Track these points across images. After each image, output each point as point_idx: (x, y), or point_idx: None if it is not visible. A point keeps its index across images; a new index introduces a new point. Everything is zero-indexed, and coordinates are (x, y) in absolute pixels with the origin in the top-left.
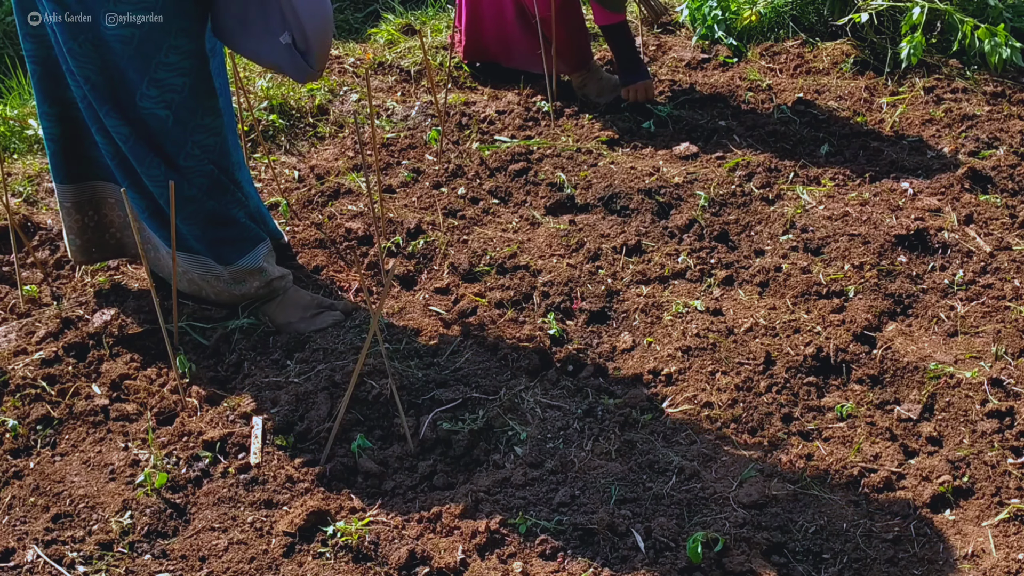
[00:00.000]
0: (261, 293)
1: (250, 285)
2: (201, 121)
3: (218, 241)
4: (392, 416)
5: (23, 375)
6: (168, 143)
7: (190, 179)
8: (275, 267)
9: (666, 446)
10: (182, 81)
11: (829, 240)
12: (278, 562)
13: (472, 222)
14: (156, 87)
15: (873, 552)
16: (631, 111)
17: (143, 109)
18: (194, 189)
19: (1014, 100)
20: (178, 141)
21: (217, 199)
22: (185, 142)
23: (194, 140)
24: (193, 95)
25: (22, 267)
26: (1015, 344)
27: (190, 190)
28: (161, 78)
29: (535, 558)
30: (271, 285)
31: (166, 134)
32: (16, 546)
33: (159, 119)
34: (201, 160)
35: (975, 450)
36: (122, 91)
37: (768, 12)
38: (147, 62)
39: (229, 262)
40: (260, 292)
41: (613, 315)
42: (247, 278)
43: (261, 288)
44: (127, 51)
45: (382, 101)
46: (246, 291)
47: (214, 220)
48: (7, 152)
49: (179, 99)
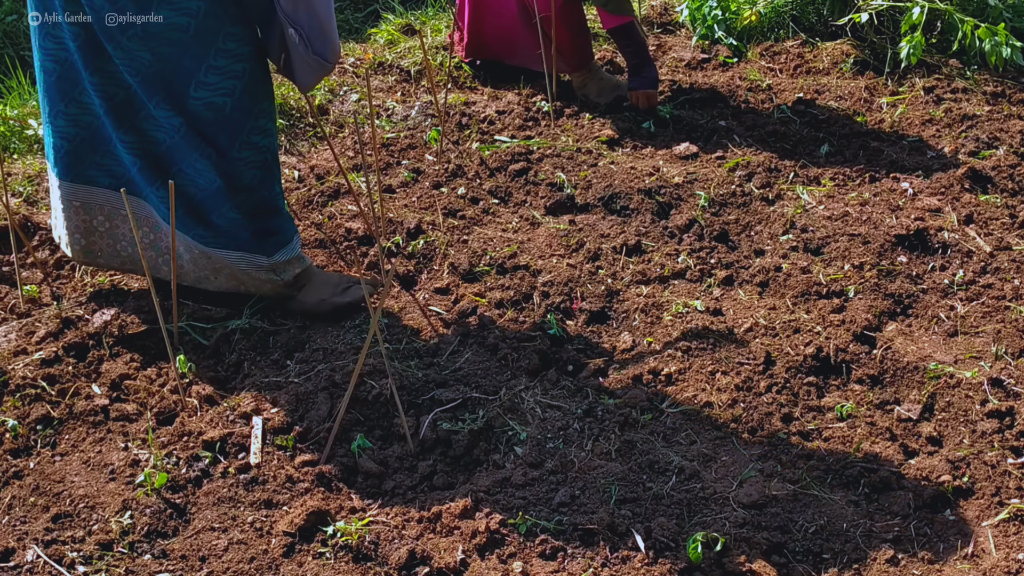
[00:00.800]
0: (300, 281)
1: (291, 273)
2: (260, 106)
3: (264, 232)
4: (392, 416)
5: (23, 375)
6: (223, 134)
7: (243, 169)
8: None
9: (666, 446)
10: (242, 67)
11: (829, 240)
12: (278, 562)
13: (472, 222)
14: (215, 74)
15: (873, 552)
16: (631, 111)
17: (198, 99)
18: (247, 179)
19: (1014, 100)
20: (234, 131)
21: (268, 189)
22: (242, 130)
23: (253, 127)
24: (254, 80)
25: (22, 267)
26: (1015, 344)
27: (243, 180)
28: (220, 65)
29: (535, 558)
30: (308, 271)
31: (222, 124)
32: (16, 546)
33: (216, 108)
34: (257, 149)
35: (975, 450)
36: (176, 81)
37: (768, 12)
38: (205, 49)
39: (271, 254)
40: (299, 279)
41: (613, 315)
42: (287, 267)
43: (300, 275)
44: (184, 39)
45: (382, 101)
46: (287, 279)
47: (264, 210)
48: (7, 152)
49: (240, 86)
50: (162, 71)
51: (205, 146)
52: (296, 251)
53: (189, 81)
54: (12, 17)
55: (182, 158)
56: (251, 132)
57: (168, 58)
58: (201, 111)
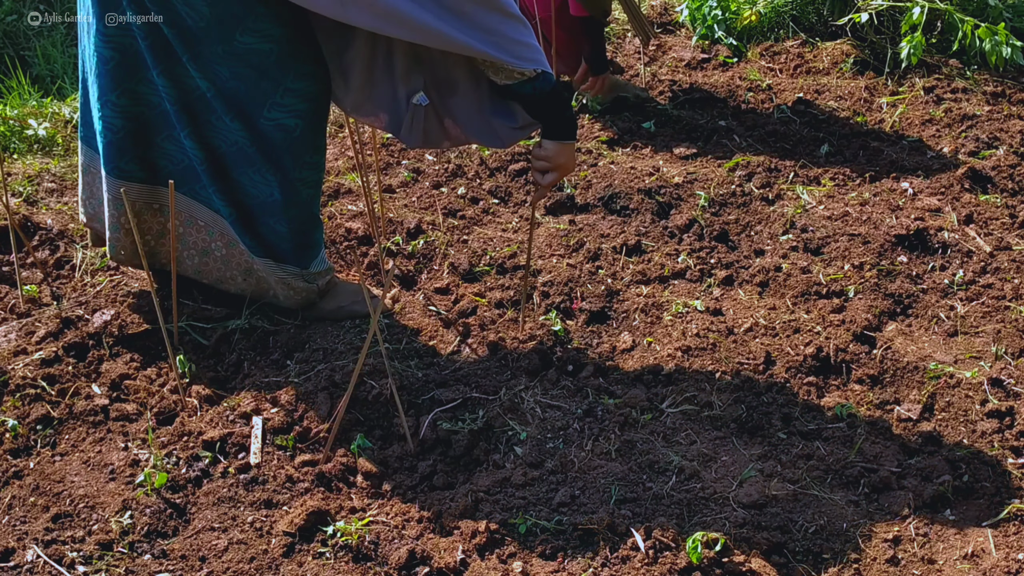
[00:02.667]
0: (324, 287)
1: (320, 281)
2: (322, 127)
3: (305, 246)
4: (392, 416)
5: (23, 375)
6: (288, 155)
7: (300, 188)
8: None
9: (666, 446)
10: (317, 91)
11: (829, 240)
12: (278, 562)
13: (472, 222)
14: (292, 95)
15: (873, 552)
16: (631, 111)
17: (270, 120)
18: (304, 196)
19: (1014, 100)
20: (299, 153)
21: (316, 205)
22: (305, 152)
23: (316, 146)
24: (317, 115)
25: (22, 267)
26: (1015, 344)
27: (300, 197)
28: (298, 88)
29: (535, 558)
30: (332, 281)
31: (288, 146)
32: (16, 546)
33: (287, 129)
34: (315, 168)
35: (975, 450)
36: (251, 101)
37: (768, 12)
38: (284, 73)
39: (307, 265)
40: (323, 286)
41: (613, 315)
42: (316, 277)
43: (324, 284)
44: (265, 64)
45: None
46: (318, 285)
47: (309, 225)
48: (7, 152)
49: (312, 108)
50: (237, 88)
51: (269, 164)
52: (326, 263)
53: (264, 101)
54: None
55: (238, 168)
56: (313, 152)
57: (246, 78)
58: (272, 132)
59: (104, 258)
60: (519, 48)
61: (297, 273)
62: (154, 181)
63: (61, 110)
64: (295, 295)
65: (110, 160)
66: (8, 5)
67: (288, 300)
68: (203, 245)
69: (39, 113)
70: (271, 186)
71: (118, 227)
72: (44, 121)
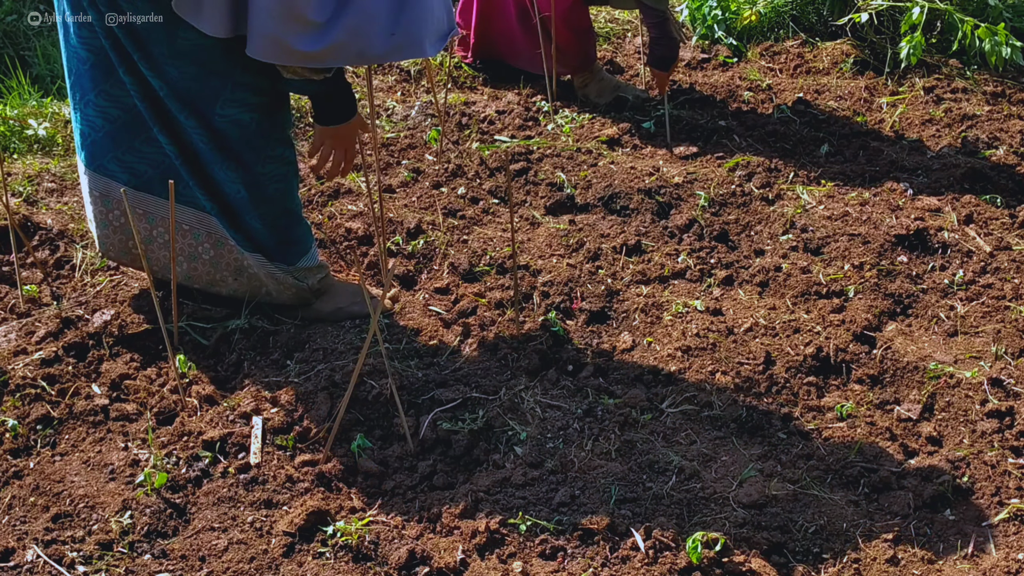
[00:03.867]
0: (319, 286)
1: (313, 279)
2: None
3: (286, 242)
4: (392, 416)
5: (23, 375)
6: (247, 150)
7: (266, 183)
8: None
9: (666, 446)
10: (263, 95)
11: (829, 240)
12: (278, 562)
13: (472, 222)
14: (239, 95)
15: (873, 552)
16: (631, 111)
17: (224, 116)
18: (271, 191)
19: (1014, 100)
20: (259, 147)
21: (291, 200)
22: (266, 146)
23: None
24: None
25: (22, 267)
26: (1015, 344)
27: (267, 192)
28: (247, 82)
29: (535, 558)
30: (327, 279)
31: (246, 141)
32: (16, 546)
33: (242, 125)
34: (281, 161)
35: (975, 450)
36: (201, 99)
37: (768, 12)
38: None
39: (293, 263)
40: (318, 285)
41: (613, 315)
42: (308, 274)
43: (320, 282)
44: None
45: (382, 101)
46: (310, 284)
47: (286, 222)
48: (7, 152)
49: (264, 102)
50: (188, 87)
51: (230, 160)
52: (315, 260)
53: (216, 98)
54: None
55: (210, 165)
56: (275, 145)
57: (195, 76)
58: (227, 128)
59: (104, 258)
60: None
61: (285, 270)
62: (136, 185)
63: (61, 110)
64: (287, 291)
65: (94, 158)
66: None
67: (281, 296)
68: (190, 250)
69: (39, 113)
70: (236, 183)
71: (106, 224)
72: (44, 121)
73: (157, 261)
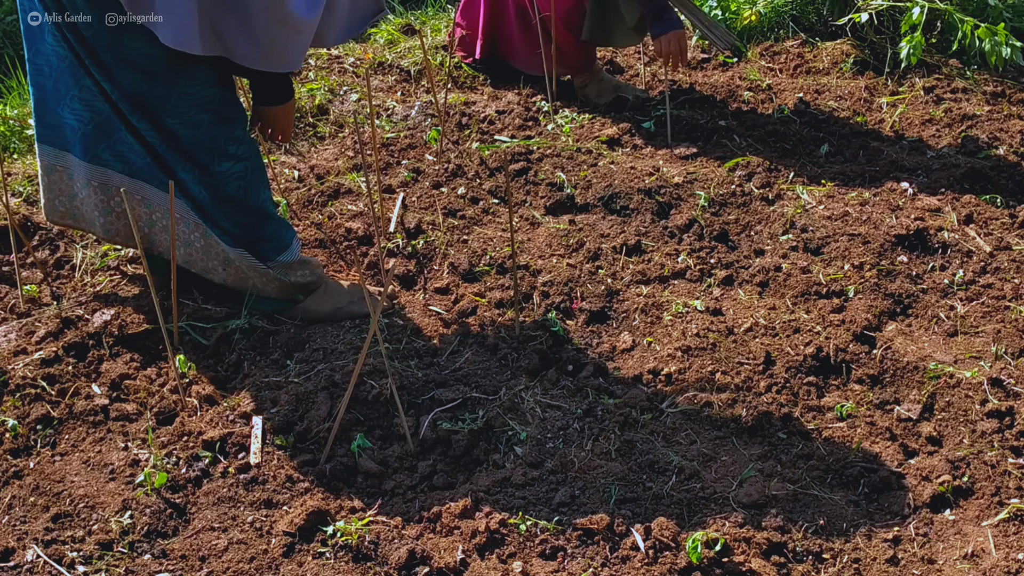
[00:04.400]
0: (309, 280)
1: (295, 275)
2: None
3: (259, 240)
4: (392, 416)
5: (23, 375)
6: (201, 151)
7: (225, 183)
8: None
9: (666, 446)
10: (213, 92)
11: (829, 240)
12: (278, 562)
13: (472, 222)
14: (187, 98)
15: (873, 552)
16: (631, 111)
17: (175, 119)
18: (232, 190)
19: (1014, 100)
20: (212, 147)
21: (255, 197)
22: (220, 146)
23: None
24: (224, 103)
25: (22, 267)
26: (1015, 344)
27: (228, 191)
28: (192, 91)
29: (535, 558)
30: (315, 272)
31: (200, 141)
32: (16, 546)
33: (193, 125)
34: (237, 159)
35: (975, 450)
36: (151, 103)
37: (768, 12)
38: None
39: (271, 258)
40: (308, 279)
41: (613, 315)
42: (289, 270)
43: (308, 276)
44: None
45: (382, 101)
46: (296, 280)
47: (254, 219)
48: (7, 152)
49: (213, 106)
50: (138, 92)
51: (186, 162)
52: (296, 255)
53: (164, 103)
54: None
55: (174, 166)
56: (230, 143)
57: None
58: (179, 129)
59: (104, 258)
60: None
61: (265, 267)
62: (130, 173)
63: None
64: (270, 284)
65: (87, 150)
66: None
67: (266, 290)
68: (184, 236)
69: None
70: (197, 183)
71: (108, 211)
72: None
73: (160, 244)
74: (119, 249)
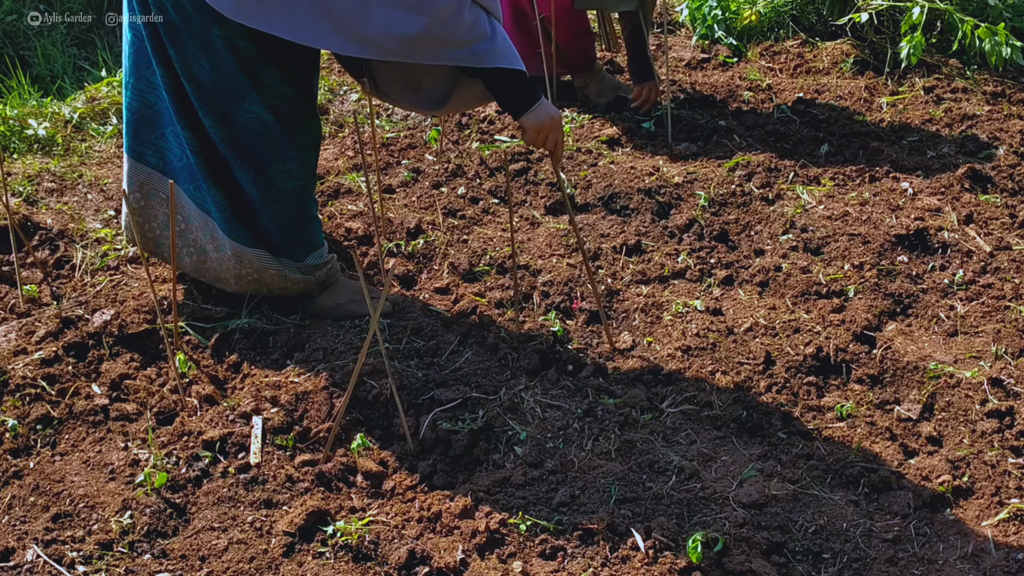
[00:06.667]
0: (323, 278)
1: (318, 273)
2: (306, 122)
3: (295, 240)
4: (392, 416)
5: (23, 375)
6: (268, 149)
7: (281, 184)
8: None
9: (666, 446)
10: (291, 90)
11: (829, 240)
12: (278, 562)
13: (472, 222)
14: (269, 91)
15: (873, 552)
16: (632, 111)
17: (249, 113)
18: (283, 192)
19: (1014, 100)
20: (279, 147)
21: (305, 200)
22: (287, 148)
23: (300, 141)
24: (300, 102)
25: (22, 267)
26: (1015, 344)
27: (280, 192)
28: (273, 84)
29: (535, 558)
30: (331, 272)
31: (269, 140)
32: (16, 546)
33: (266, 124)
34: (300, 161)
35: (975, 450)
36: (229, 95)
37: (768, 12)
38: (261, 70)
39: (301, 259)
40: (323, 278)
41: (613, 315)
42: (315, 268)
43: (324, 275)
44: (243, 58)
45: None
46: (317, 277)
47: (299, 221)
48: (7, 152)
49: (290, 104)
50: (217, 82)
51: (245, 160)
52: (324, 256)
53: (243, 96)
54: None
55: (232, 164)
56: (295, 148)
57: (225, 72)
58: (251, 124)
59: (104, 258)
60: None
61: (293, 266)
62: (163, 170)
63: (61, 110)
64: (292, 287)
65: (128, 143)
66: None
67: (288, 293)
68: (201, 244)
69: (39, 113)
70: (250, 184)
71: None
72: (44, 121)
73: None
74: (119, 249)
